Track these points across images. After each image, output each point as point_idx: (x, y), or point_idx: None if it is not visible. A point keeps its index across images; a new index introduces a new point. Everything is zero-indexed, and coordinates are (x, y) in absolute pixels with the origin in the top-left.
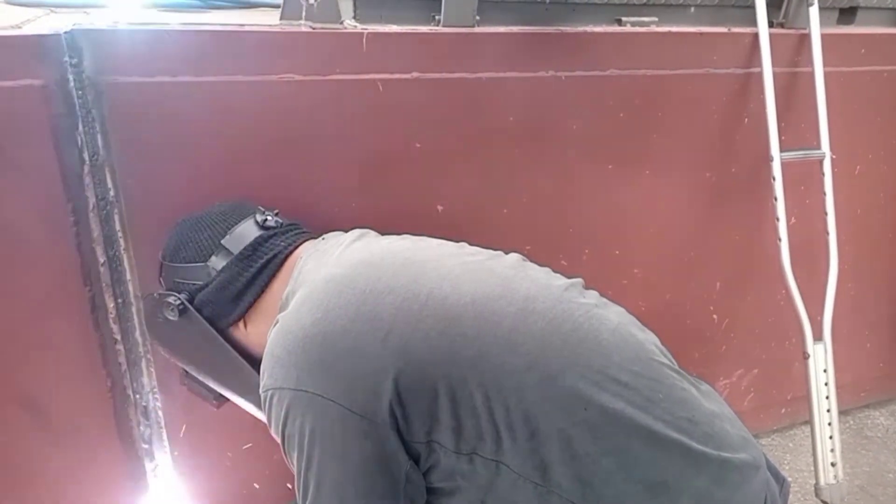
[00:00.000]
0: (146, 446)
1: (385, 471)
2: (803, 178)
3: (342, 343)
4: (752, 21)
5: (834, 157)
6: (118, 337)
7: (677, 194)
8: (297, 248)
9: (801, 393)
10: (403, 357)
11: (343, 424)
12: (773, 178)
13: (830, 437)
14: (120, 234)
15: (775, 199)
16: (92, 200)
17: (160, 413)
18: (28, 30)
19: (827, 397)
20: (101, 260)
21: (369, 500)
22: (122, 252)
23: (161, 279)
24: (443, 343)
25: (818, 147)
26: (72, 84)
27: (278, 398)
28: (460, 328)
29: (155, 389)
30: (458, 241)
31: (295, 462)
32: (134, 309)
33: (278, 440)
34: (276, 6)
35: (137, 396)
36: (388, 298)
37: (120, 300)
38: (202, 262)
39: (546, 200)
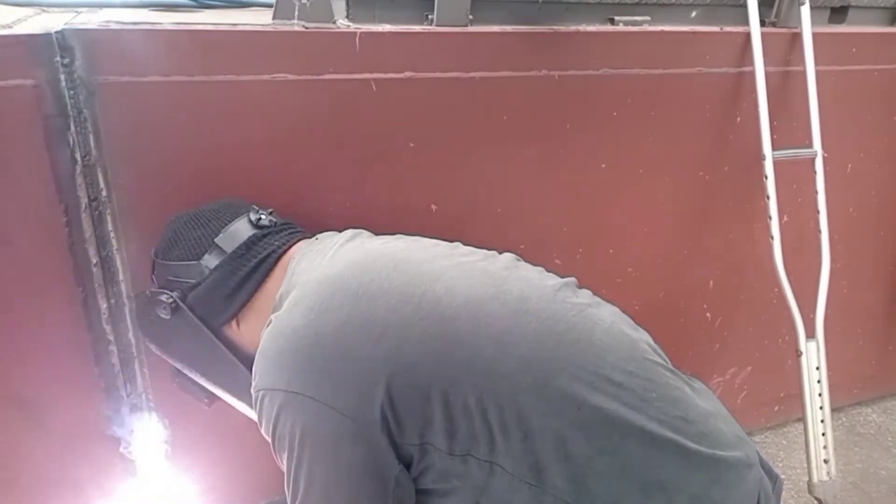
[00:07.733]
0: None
1: (374, 474)
2: (795, 177)
3: (334, 345)
4: (745, 20)
5: (826, 155)
6: (111, 338)
7: (670, 193)
8: (290, 247)
9: (794, 390)
10: (396, 360)
11: (333, 427)
12: (766, 177)
13: (823, 435)
14: (112, 235)
15: (767, 198)
16: (84, 201)
17: (153, 413)
18: (19, 29)
19: (820, 395)
20: (94, 261)
21: (358, 502)
22: (115, 252)
23: (153, 277)
24: (436, 345)
25: (810, 146)
26: (63, 84)
27: (269, 399)
28: (454, 330)
29: (148, 390)
30: (452, 241)
31: (285, 463)
32: (127, 309)
33: (269, 440)
34: (268, 6)
35: (131, 397)
36: (382, 301)
37: (113, 301)
38: (195, 260)
39: (540, 200)
